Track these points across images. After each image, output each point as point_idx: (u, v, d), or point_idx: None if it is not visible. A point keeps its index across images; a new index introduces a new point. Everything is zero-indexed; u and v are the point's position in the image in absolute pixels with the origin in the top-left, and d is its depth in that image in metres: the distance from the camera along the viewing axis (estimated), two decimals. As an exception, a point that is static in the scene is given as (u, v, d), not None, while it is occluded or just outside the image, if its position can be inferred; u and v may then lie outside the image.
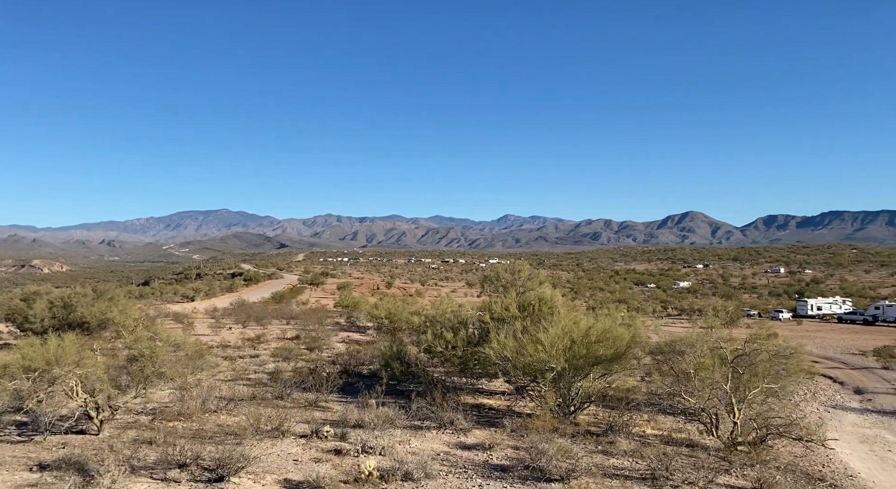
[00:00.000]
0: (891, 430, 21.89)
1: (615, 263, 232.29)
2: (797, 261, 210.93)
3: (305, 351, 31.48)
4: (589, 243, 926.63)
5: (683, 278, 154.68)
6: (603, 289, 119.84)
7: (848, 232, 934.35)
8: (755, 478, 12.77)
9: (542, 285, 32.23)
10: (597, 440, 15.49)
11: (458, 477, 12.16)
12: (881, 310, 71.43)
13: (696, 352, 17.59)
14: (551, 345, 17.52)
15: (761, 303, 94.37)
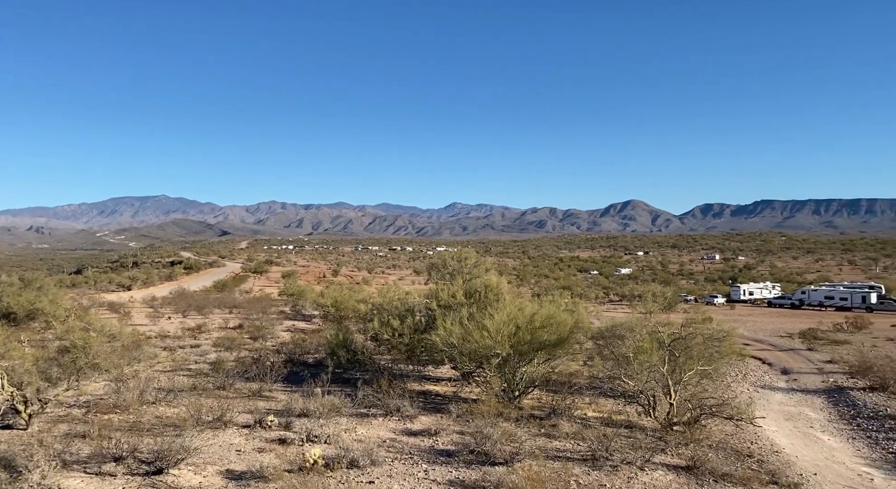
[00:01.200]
0: (813, 408, 23.24)
1: (560, 251, 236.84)
2: (731, 248, 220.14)
3: (249, 340, 30.88)
4: (535, 231, 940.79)
5: (625, 265, 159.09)
6: (548, 276, 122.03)
7: (778, 220, 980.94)
8: (689, 456, 13.34)
9: (489, 272, 32.52)
10: (540, 423, 15.83)
11: (404, 463, 12.23)
12: (807, 294, 75.44)
13: (635, 336, 18.19)
14: (497, 332, 17.76)
15: (698, 288, 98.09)
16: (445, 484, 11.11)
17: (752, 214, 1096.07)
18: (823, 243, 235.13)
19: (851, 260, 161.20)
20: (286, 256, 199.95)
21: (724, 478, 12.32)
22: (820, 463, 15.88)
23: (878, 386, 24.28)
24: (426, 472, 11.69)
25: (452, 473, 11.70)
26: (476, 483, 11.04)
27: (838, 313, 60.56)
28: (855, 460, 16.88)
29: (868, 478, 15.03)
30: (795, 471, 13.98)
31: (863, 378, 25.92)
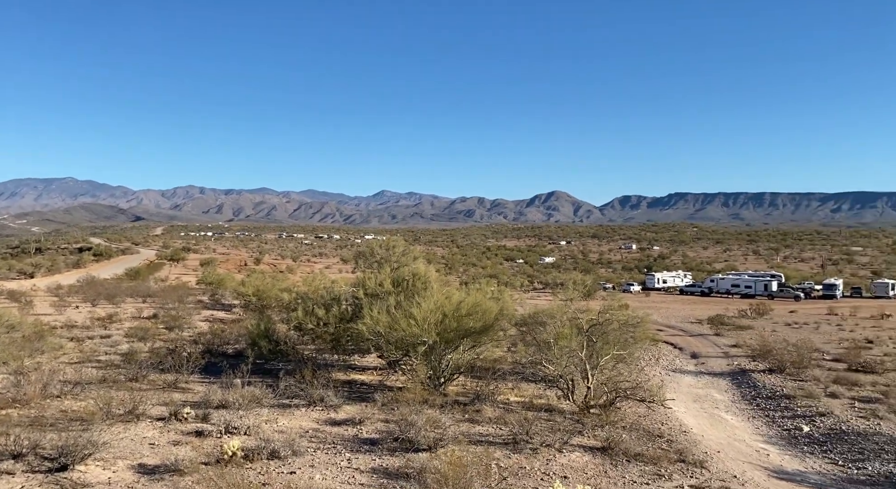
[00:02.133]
0: (718, 390, 24.77)
1: (487, 240, 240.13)
2: (647, 238, 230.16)
3: (164, 330, 29.61)
4: (463, 220, 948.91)
5: (548, 254, 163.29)
6: (475, 264, 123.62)
7: (690, 212, 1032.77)
8: (604, 437, 13.91)
9: (417, 261, 32.56)
10: (464, 409, 16.07)
11: (327, 452, 12.11)
12: (715, 282, 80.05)
13: (556, 323, 18.72)
14: (424, 320, 17.82)
15: (616, 276, 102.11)
16: (369, 472, 11.10)
17: (666, 206, 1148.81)
18: (731, 234, 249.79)
19: (756, 250, 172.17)
20: (205, 243, 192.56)
21: (636, 458, 12.93)
22: (723, 441, 16.97)
23: (776, 368, 26.15)
24: (349, 461, 11.63)
25: (376, 461, 11.69)
26: (399, 470, 11.09)
27: (743, 300, 64.58)
28: (754, 438, 18.16)
29: (765, 454, 16.20)
30: (701, 449, 14.86)
31: (763, 361, 27.85)
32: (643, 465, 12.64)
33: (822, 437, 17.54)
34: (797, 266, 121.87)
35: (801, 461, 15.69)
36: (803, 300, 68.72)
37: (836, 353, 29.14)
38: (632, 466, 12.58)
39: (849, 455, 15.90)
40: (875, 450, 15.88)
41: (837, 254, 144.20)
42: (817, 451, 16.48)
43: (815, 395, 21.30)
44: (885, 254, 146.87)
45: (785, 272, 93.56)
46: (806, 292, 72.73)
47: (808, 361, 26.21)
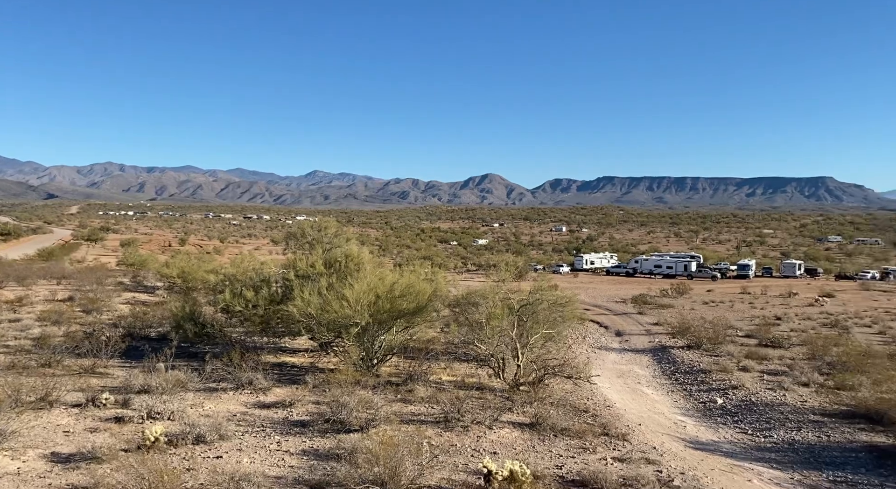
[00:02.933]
0: (640, 366, 25.91)
1: (422, 222, 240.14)
2: (577, 220, 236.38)
3: (81, 313, 28.08)
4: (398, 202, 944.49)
5: (482, 236, 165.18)
6: (410, 246, 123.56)
7: (617, 195, 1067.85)
8: (533, 413, 14.29)
9: (349, 242, 32.17)
10: (397, 389, 16.12)
11: (256, 436, 11.88)
12: (639, 263, 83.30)
13: (488, 303, 19.01)
14: (356, 301, 17.69)
15: (546, 258, 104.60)
16: (299, 454, 10.98)
17: (595, 190, 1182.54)
18: (655, 217, 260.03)
19: (677, 232, 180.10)
20: (126, 223, 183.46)
21: (562, 433, 13.37)
22: (644, 414, 17.79)
23: (693, 344, 27.58)
24: (279, 444, 11.46)
25: (307, 443, 11.57)
26: (330, 451, 11.02)
27: (665, 280, 67.57)
28: (673, 410, 19.14)
29: (682, 426, 17.11)
30: (624, 422, 15.51)
31: (682, 338, 29.30)
32: (569, 439, 13.08)
33: (734, 409, 18.67)
34: (715, 247, 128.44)
35: (715, 432, 16.66)
36: (720, 280, 72.55)
37: (749, 330, 30.99)
38: (558, 440, 12.99)
39: (757, 424, 17.01)
40: (780, 420, 17.05)
41: (751, 237, 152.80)
42: (729, 422, 17.54)
43: (729, 369, 22.59)
44: (794, 236, 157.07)
45: (703, 253, 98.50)
46: (722, 272, 76.79)
47: (723, 337, 27.77)
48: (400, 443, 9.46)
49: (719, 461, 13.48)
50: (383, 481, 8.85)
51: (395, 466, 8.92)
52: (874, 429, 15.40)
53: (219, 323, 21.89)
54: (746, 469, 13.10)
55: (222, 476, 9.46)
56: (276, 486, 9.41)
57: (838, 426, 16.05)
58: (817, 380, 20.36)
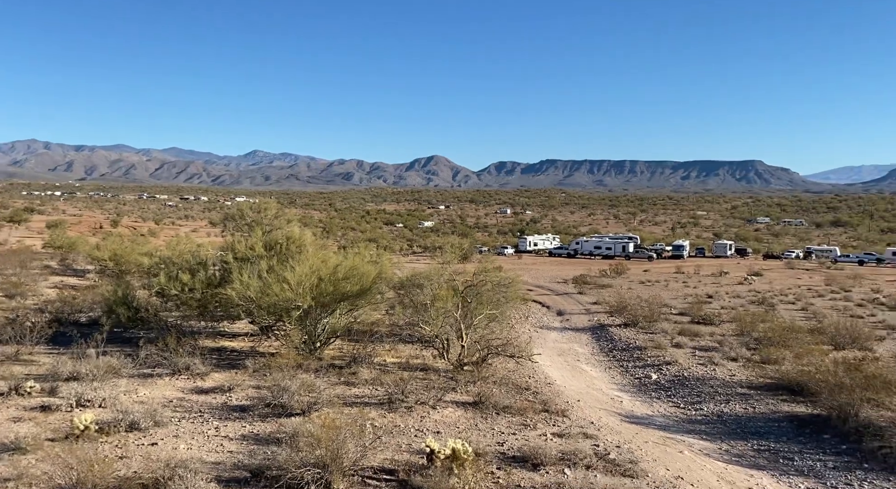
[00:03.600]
0: (580, 344, 26.62)
1: (367, 203, 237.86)
2: (521, 203, 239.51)
3: (3, 299, 26.58)
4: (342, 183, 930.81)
5: (428, 218, 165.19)
6: (355, 228, 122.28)
7: (560, 178, 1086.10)
8: (476, 393, 14.48)
9: (291, 224, 31.52)
10: (340, 372, 16.01)
11: (193, 421, 11.59)
12: (580, 245, 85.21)
13: (433, 285, 19.06)
14: (298, 284, 17.40)
15: (491, 240, 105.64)
16: (238, 439, 10.78)
17: (539, 172, 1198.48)
18: (595, 199, 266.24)
19: (616, 214, 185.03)
20: (53, 204, 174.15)
21: (504, 410, 13.61)
22: (583, 390, 18.32)
23: (630, 322, 28.51)
24: (217, 429, 11.22)
25: (246, 428, 11.38)
26: (271, 435, 10.87)
27: (604, 261, 69.40)
28: (610, 386, 19.78)
29: (619, 401, 17.71)
30: (563, 399, 15.92)
31: (620, 316, 30.22)
32: (511, 417, 13.33)
33: (668, 384, 19.46)
34: (651, 229, 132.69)
35: (650, 406, 17.33)
36: (656, 260, 75.07)
37: (682, 308, 32.26)
38: (500, 418, 13.23)
39: (689, 398, 17.80)
40: (710, 393, 17.88)
41: (685, 218, 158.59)
42: (663, 396, 18.28)
43: (663, 346, 23.49)
44: (725, 217, 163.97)
45: (641, 235, 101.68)
46: (658, 253, 79.47)
47: (658, 315, 28.82)
48: (342, 426, 9.41)
49: (653, 434, 14.03)
50: (325, 464, 8.79)
51: (338, 449, 8.88)
52: (795, 400, 16.35)
53: (154, 307, 21.15)
54: (678, 441, 13.70)
55: (157, 463, 9.20)
56: (214, 472, 9.22)
57: (763, 398, 16.96)
58: (745, 355, 21.41)
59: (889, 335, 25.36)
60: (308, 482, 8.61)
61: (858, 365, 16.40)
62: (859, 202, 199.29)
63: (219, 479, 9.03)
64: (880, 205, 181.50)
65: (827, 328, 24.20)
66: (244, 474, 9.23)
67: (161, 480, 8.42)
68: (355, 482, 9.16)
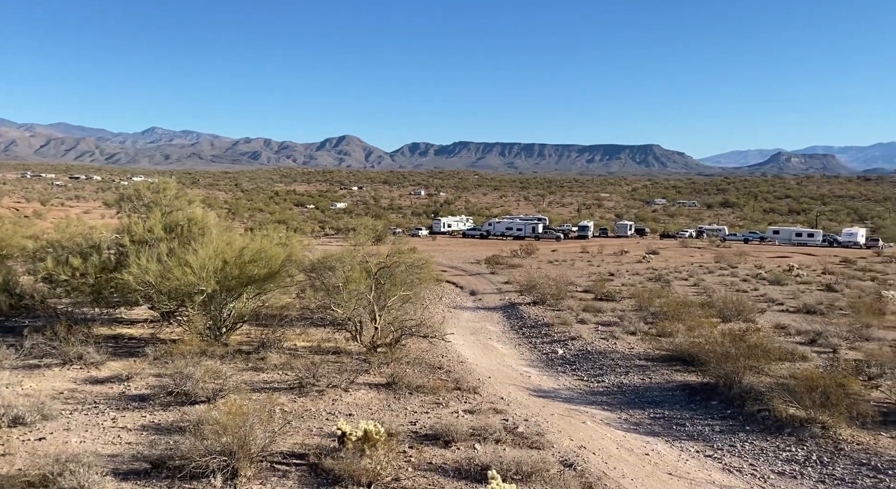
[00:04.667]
0: (492, 322, 27.25)
1: (276, 184, 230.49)
2: (435, 184, 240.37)
3: None
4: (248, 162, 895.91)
5: (340, 199, 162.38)
6: (263, 210, 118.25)
7: (472, 160, 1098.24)
8: (389, 373, 14.55)
9: (193, 205, 29.98)
10: (248, 358, 15.58)
11: (87, 413, 10.93)
12: (492, 226, 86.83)
13: (345, 267, 18.84)
14: (202, 267, 16.70)
15: (406, 221, 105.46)
16: (137, 429, 10.27)
17: (452, 154, 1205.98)
18: (507, 181, 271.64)
19: (526, 196, 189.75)
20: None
21: (417, 390, 13.76)
22: (494, 367, 18.80)
23: (539, 300, 29.46)
24: (114, 420, 10.64)
25: (147, 418, 10.86)
26: (173, 424, 10.44)
27: (515, 241, 71.09)
28: (519, 362, 20.42)
29: (527, 376, 18.33)
30: (475, 376, 16.30)
31: (529, 295, 31.14)
32: (424, 396, 13.50)
33: (573, 358, 20.33)
34: (559, 210, 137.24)
35: (556, 380, 18.06)
36: (563, 240, 77.78)
37: (587, 285, 33.69)
38: (413, 398, 13.36)
39: (592, 371, 18.68)
40: (611, 366, 18.85)
41: (590, 200, 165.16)
42: (568, 370, 19.09)
43: (569, 322, 24.47)
44: (626, 199, 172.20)
45: (549, 216, 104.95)
46: (565, 233, 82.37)
47: (565, 293, 29.95)
48: (250, 412, 9.17)
49: (559, 406, 14.66)
50: (232, 451, 8.56)
51: (245, 435, 8.66)
52: (687, 370, 17.53)
53: (41, 294, 19.65)
54: (581, 412, 14.38)
55: (45, 459, 8.62)
56: (110, 465, 8.75)
57: (659, 369, 18.07)
58: (643, 329, 22.70)
59: (769, 307, 27.67)
60: (214, 470, 8.36)
61: (742, 335, 17.80)
62: (745, 184, 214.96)
63: (116, 473, 8.58)
64: (763, 187, 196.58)
65: (716, 302, 26.06)
66: (144, 466, 8.83)
67: (50, 476, 7.90)
68: (264, 468, 8.99)
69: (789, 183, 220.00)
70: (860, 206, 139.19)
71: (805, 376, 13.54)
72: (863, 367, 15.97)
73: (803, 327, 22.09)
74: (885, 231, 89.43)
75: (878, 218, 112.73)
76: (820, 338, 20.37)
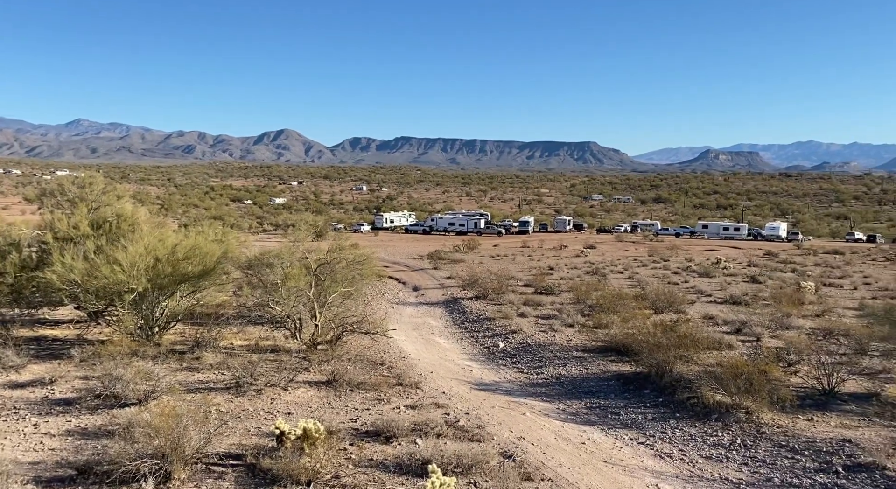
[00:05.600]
0: (434, 317, 27.34)
1: (211, 179, 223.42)
2: (377, 179, 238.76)
3: None
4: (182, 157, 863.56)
5: (279, 195, 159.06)
6: (198, 205, 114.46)
7: (415, 155, 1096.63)
8: (330, 371, 14.39)
9: (122, 200, 28.77)
10: (182, 358, 15.10)
11: (5, 419, 10.35)
12: (435, 221, 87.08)
13: (283, 263, 18.48)
14: (132, 265, 16.08)
15: (347, 217, 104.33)
16: (62, 435, 9.80)
17: (394, 149, 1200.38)
18: (449, 177, 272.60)
19: (469, 192, 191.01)
20: None
21: (359, 387, 13.68)
22: (436, 362, 18.89)
23: (481, 295, 29.76)
24: (36, 426, 10.11)
25: (72, 422, 10.37)
26: (101, 428, 10.01)
27: (458, 237, 71.53)
28: (461, 357, 20.58)
29: (469, 370, 18.50)
30: (417, 371, 16.33)
31: (471, 289, 31.40)
32: (365, 393, 13.44)
33: (513, 351, 20.66)
34: (500, 206, 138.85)
35: (497, 373, 18.31)
36: (504, 235, 78.80)
37: (527, 279, 34.25)
38: (354, 395, 13.28)
39: (532, 363, 19.04)
40: (550, 358, 19.27)
41: (530, 196, 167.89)
42: (509, 363, 19.39)
43: (510, 316, 24.83)
44: (565, 195, 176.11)
45: (491, 211, 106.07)
46: (506, 228, 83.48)
47: (506, 288, 30.37)
48: (184, 413, 8.90)
49: (499, 399, 14.88)
50: (164, 454, 8.29)
51: (178, 437, 8.40)
52: (622, 360, 18.11)
53: (-49, 295, 18.41)
54: (521, 404, 14.65)
55: (-42, 471, 8.10)
56: (32, 473, 8.33)
57: (595, 360, 18.60)
58: (580, 321, 23.28)
59: (699, 298, 28.90)
60: (145, 474, 8.08)
61: (673, 326, 18.56)
62: (677, 181, 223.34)
63: (38, 480, 8.17)
64: (693, 183, 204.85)
65: (649, 294, 27.01)
66: (69, 472, 8.44)
67: (-37, 489, 7.44)
68: (199, 470, 8.75)
69: (717, 179, 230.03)
70: (782, 201, 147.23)
71: (730, 364, 14.22)
72: (783, 355, 16.92)
73: (730, 317, 23.16)
74: (804, 225, 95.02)
75: (798, 213, 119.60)
76: (745, 327, 21.42)
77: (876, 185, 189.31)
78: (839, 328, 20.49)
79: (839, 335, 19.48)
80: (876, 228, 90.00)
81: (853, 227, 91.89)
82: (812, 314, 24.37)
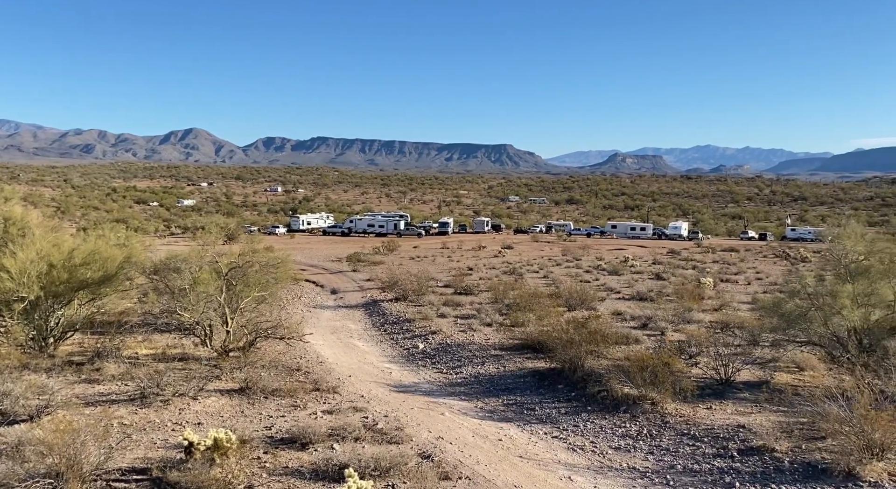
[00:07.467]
0: (353, 320, 27.05)
1: (113, 180, 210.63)
2: (292, 180, 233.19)
3: None
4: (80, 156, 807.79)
5: (188, 196, 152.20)
6: (98, 208, 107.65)
7: (332, 156, 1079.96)
8: (243, 378, 13.93)
9: (10, 203, 26.68)
10: (80, 370, 14.17)
11: None
12: (354, 223, 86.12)
13: (192, 268, 17.73)
14: (22, 272, 14.96)
15: (262, 219, 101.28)
16: (-60, 461, 8.94)
17: (310, 150, 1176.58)
18: (368, 178, 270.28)
19: (388, 193, 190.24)
20: None
21: (273, 394, 13.33)
22: (354, 366, 18.70)
23: (401, 297, 29.72)
24: None
25: (-48, 446, 9.48)
26: (-13, 450, 9.22)
27: (377, 238, 71.05)
28: (381, 359, 20.48)
29: (389, 372, 18.44)
30: (335, 376, 16.10)
31: (391, 291, 31.30)
32: (280, 400, 13.11)
33: (433, 352, 20.78)
34: (420, 207, 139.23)
35: (416, 374, 18.35)
36: (424, 237, 79.07)
37: (447, 280, 34.54)
38: (269, 402, 12.92)
39: (451, 363, 19.22)
40: (469, 357, 19.52)
41: (450, 197, 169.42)
42: (429, 364, 19.48)
43: (430, 317, 24.94)
44: (483, 196, 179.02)
45: (411, 213, 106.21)
46: (426, 230, 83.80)
47: (426, 289, 30.49)
48: (81, 428, 8.36)
49: (419, 400, 14.92)
50: (59, 472, 7.75)
51: (75, 454, 7.88)
52: (538, 357, 18.61)
53: None
54: (441, 404, 14.76)
55: None
56: None
57: (512, 357, 19.00)
58: (498, 320, 23.73)
59: (609, 295, 30.16)
60: (37, 497, 7.52)
61: (585, 323, 19.26)
62: (587, 183, 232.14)
63: (-89, 513, 7.42)
64: (603, 185, 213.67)
65: (562, 292, 27.91)
66: (-52, 501, 7.72)
67: None
68: (99, 487, 8.24)
69: (625, 181, 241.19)
70: (683, 202, 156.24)
71: (637, 358, 14.95)
72: (685, 347, 17.97)
73: (637, 313, 24.31)
74: (703, 224, 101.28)
75: (698, 213, 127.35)
76: (650, 322, 22.57)
77: (766, 187, 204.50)
78: (734, 321, 21.99)
79: (735, 328, 20.87)
80: (766, 227, 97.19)
81: (747, 226, 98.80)
82: (711, 308, 26.00)
